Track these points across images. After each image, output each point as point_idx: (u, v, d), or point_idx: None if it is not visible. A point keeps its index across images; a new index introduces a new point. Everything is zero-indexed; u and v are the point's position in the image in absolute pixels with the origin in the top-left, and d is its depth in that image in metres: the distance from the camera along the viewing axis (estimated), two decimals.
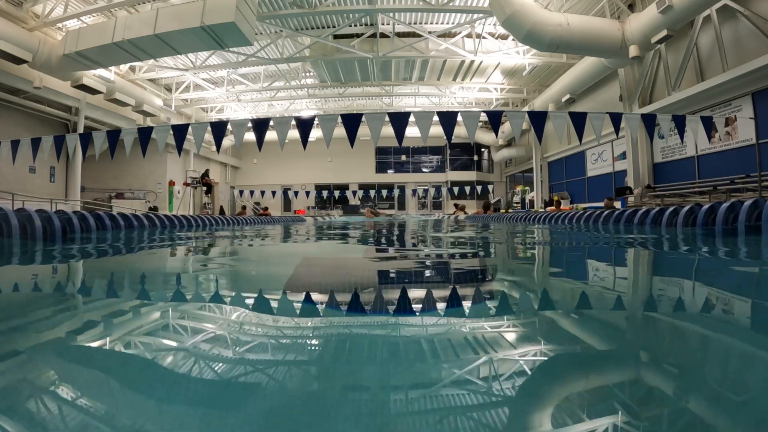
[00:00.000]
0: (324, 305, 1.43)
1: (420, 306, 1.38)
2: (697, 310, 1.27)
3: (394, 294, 1.65)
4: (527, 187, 21.31)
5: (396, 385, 0.71)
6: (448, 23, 13.09)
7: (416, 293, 1.62)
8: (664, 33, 8.70)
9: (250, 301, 1.49)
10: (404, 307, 1.35)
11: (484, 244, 4.16)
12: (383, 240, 5.23)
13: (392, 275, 2.24)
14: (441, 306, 1.38)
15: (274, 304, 1.47)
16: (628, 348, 0.95)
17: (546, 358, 0.87)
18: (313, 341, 1.05)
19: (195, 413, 0.61)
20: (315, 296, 1.57)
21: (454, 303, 1.44)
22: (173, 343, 0.98)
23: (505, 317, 1.24)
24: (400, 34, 13.55)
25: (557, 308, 1.35)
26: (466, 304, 1.43)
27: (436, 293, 1.62)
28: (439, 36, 13.14)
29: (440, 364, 0.82)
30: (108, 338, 1.01)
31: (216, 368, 0.79)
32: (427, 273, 2.34)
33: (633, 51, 9.40)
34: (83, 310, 1.40)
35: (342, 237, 5.88)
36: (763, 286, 1.67)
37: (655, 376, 0.74)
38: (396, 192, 22.54)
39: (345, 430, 0.56)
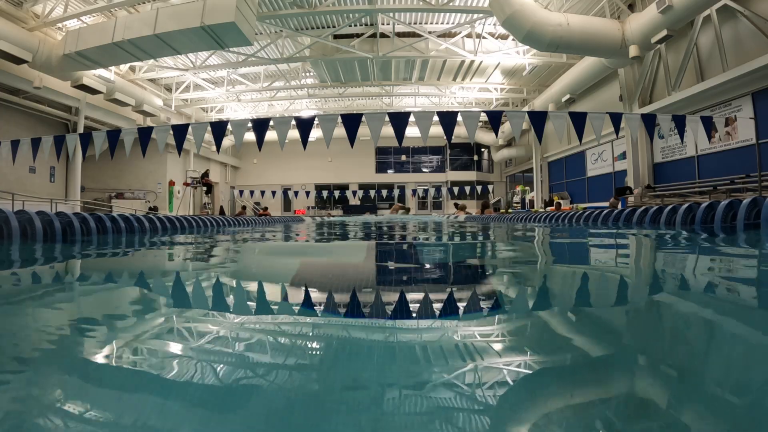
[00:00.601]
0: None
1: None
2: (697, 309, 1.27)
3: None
4: (527, 187, 21.31)
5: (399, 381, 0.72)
6: (448, 23, 13.09)
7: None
8: (664, 33, 8.70)
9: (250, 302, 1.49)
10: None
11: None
12: None
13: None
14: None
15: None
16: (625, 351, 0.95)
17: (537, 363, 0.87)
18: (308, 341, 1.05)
19: (194, 415, 0.61)
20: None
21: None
22: (169, 346, 0.98)
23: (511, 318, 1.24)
24: (400, 34, 13.55)
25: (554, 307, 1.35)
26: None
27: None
28: (439, 36, 13.14)
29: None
30: (105, 340, 1.01)
31: (213, 371, 0.79)
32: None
33: (633, 51, 9.41)
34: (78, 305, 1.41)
35: None
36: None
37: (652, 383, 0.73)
38: (396, 192, 22.54)
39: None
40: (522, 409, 0.64)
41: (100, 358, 0.88)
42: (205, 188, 17.86)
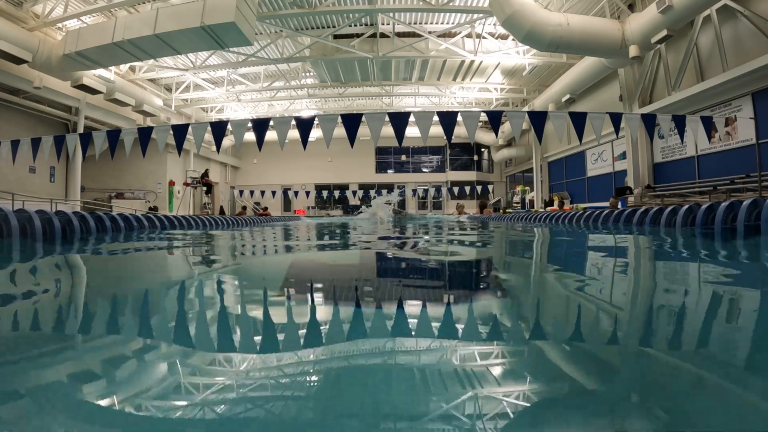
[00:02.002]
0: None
1: None
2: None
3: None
4: (527, 187, 21.31)
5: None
6: (448, 23, 13.09)
7: None
8: (664, 33, 8.70)
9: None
10: None
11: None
12: None
13: None
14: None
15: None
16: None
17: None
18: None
19: None
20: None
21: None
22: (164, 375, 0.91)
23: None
24: (400, 34, 13.55)
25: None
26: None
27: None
28: (439, 36, 13.14)
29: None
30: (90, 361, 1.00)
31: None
32: None
33: (633, 51, 9.41)
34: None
35: None
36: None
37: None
38: (396, 192, 22.53)
39: None
40: None
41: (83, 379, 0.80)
42: (205, 188, 17.88)
